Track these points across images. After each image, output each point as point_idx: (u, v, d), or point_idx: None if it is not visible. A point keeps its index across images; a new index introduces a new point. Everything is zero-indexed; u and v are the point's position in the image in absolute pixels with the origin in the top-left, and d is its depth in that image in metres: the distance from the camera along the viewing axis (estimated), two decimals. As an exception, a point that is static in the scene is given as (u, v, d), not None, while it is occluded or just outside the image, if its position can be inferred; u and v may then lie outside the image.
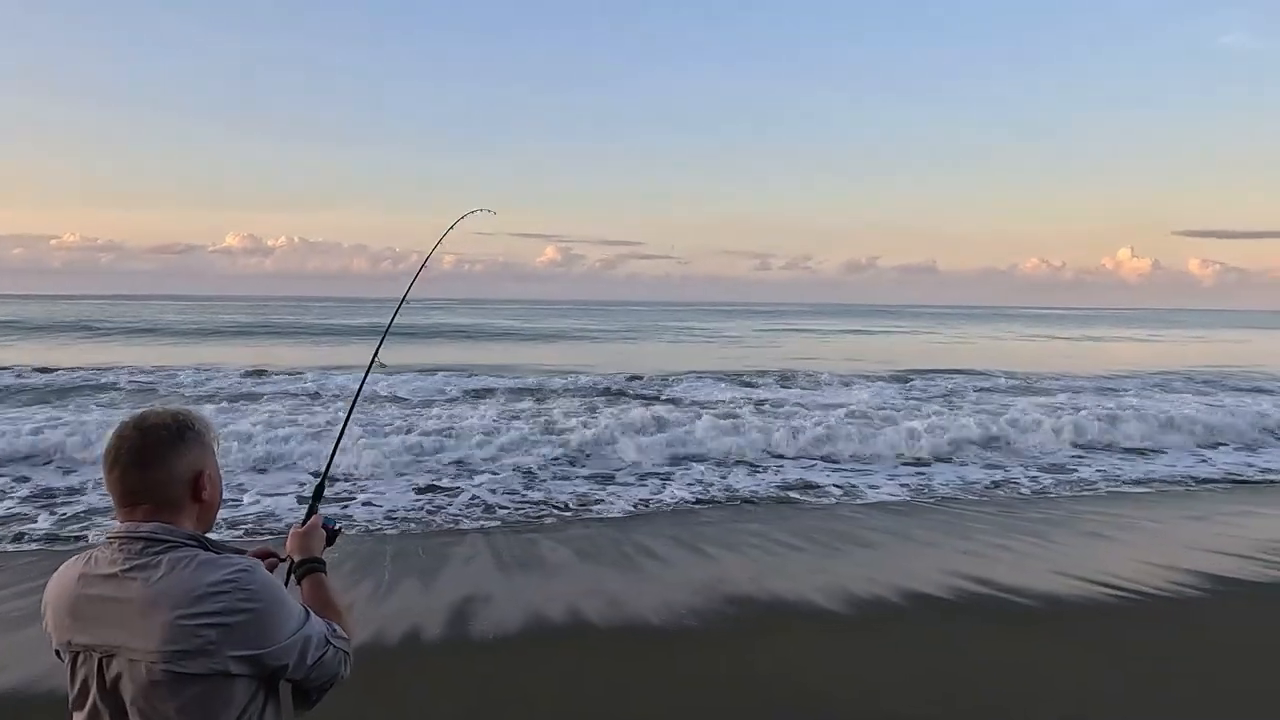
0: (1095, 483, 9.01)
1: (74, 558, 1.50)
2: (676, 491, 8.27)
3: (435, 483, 8.46)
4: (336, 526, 1.91)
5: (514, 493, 8.13)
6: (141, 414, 1.51)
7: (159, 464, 1.45)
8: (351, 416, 2.45)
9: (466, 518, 7.23)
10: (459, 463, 9.36)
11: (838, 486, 8.66)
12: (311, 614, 1.50)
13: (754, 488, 8.55)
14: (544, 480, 8.70)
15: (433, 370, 18.33)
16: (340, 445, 2.40)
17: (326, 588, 1.69)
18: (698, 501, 7.98)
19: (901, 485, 8.79)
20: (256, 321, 44.56)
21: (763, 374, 19.77)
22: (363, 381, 2.58)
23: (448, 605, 5.00)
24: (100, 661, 1.38)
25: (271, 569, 1.71)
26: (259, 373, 18.03)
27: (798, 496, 8.23)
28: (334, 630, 1.55)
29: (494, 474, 8.87)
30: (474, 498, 7.89)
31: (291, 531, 1.82)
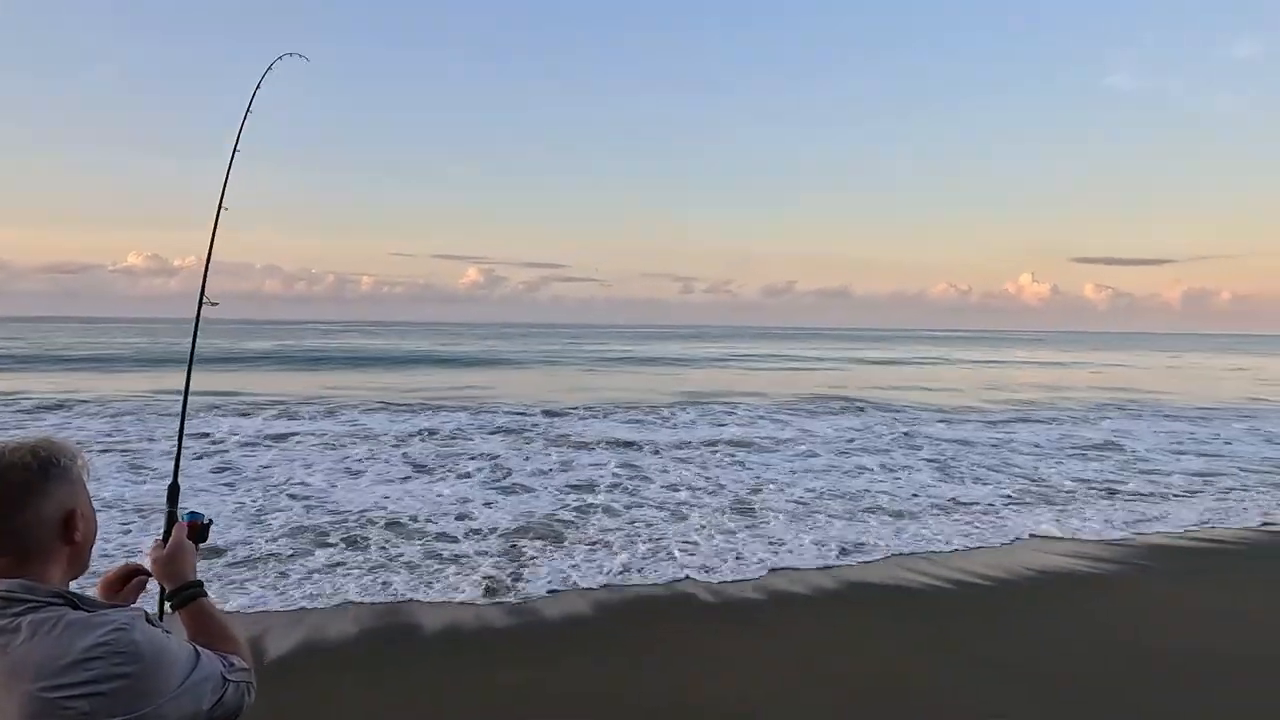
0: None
1: None
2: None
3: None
4: (205, 520, 1.61)
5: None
6: (17, 443, 1.29)
7: (21, 509, 1.25)
8: (185, 415, 2.07)
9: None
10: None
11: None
12: (201, 653, 1.33)
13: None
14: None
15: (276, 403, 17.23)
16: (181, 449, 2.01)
17: (210, 615, 1.49)
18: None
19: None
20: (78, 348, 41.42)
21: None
22: (185, 393, 2.10)
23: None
24: None
25: (141, 587, 1.58)
26: (60, 406, 16.49)
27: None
28: (229, 664, 1.38)
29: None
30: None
31: (152, 556, 1.54)
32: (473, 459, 11.02)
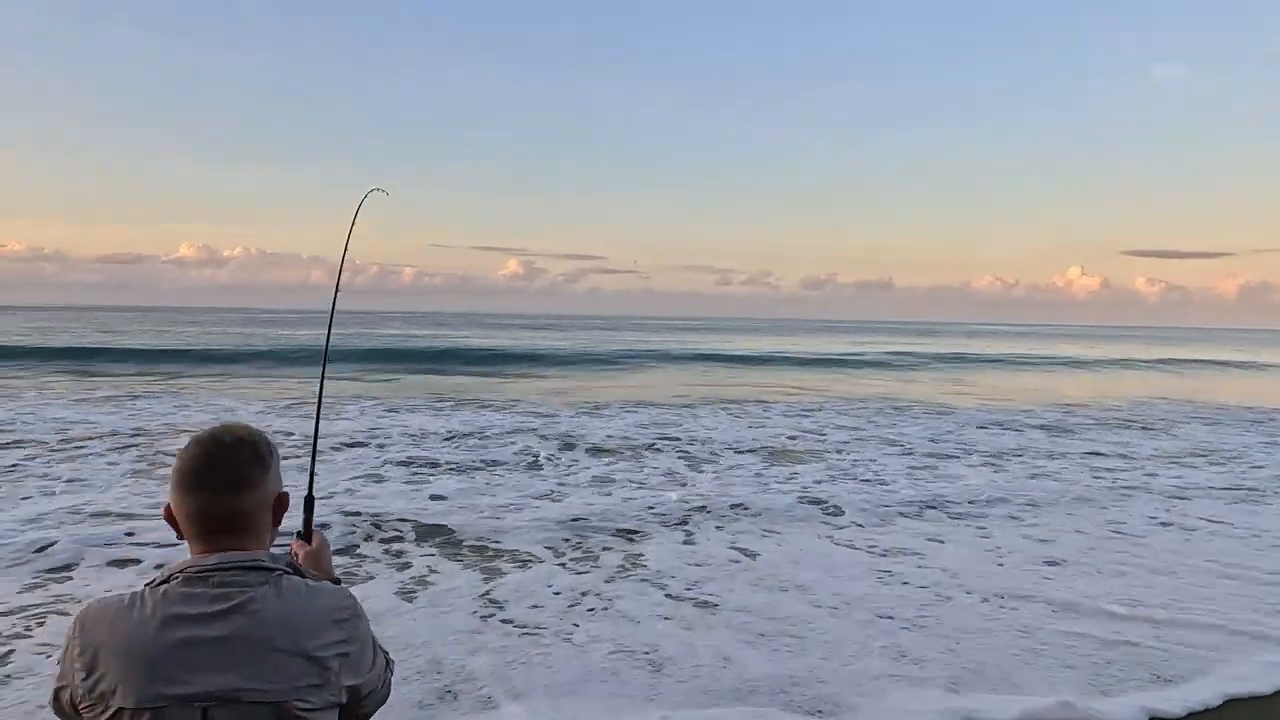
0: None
1: (120, 597, 1.32)
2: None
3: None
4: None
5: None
6: (221, 429, 1.41)
7: (250, 487, 1.37)
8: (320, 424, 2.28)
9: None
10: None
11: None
12: (374, 637, 1.46)
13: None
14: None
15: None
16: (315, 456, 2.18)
17: None
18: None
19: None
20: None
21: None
22: (320, 396, 2.45)
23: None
24: (206, 711, 1.25)
25: None
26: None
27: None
28: (384, 650, 1.51)
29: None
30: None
31: (301, 552, 1.73)
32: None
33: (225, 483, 1.35)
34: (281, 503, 1.45)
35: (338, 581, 1.64)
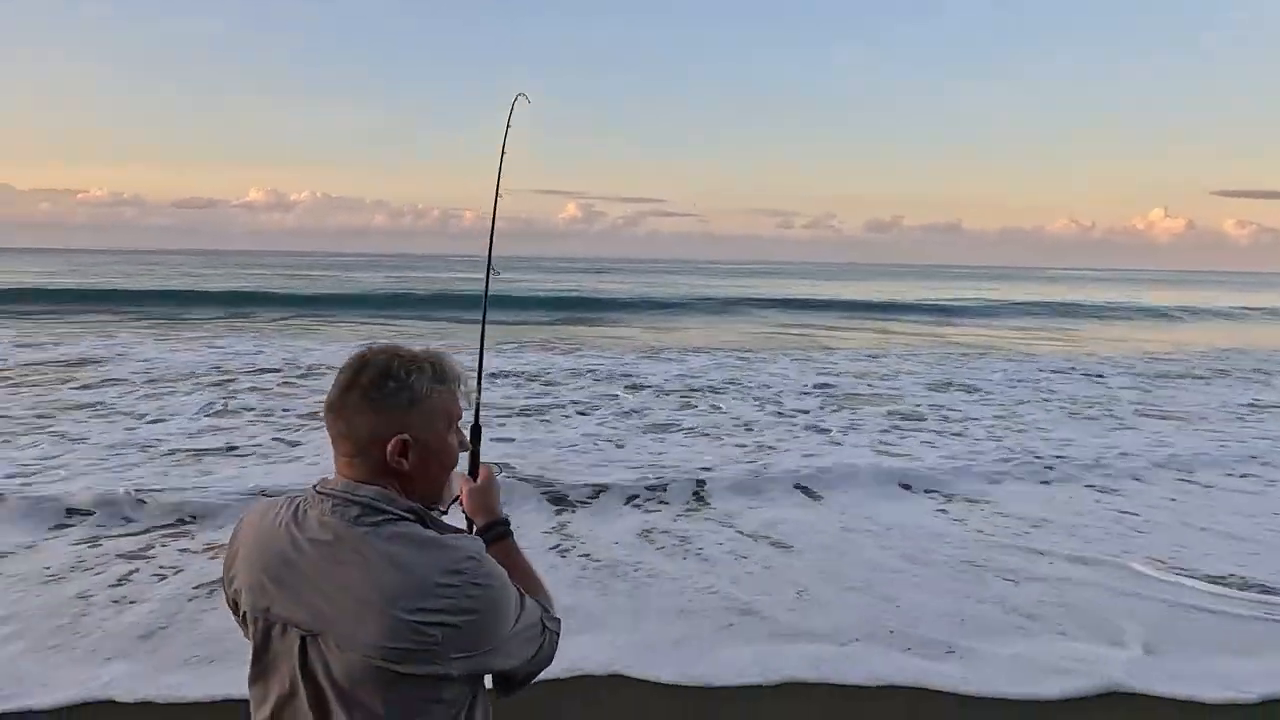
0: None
1: (274, 501, 1.30)
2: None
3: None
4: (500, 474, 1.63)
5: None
6: (382, 348, 1.29)
7: (388, 414, 1.24)
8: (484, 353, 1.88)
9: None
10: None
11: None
12: (525, 597, 1.29)
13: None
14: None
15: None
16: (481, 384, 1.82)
17: (520, 555, 1.45)
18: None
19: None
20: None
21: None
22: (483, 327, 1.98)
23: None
24: (304, 640, 1.19)
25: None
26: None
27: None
28: (546, 610, 1.35)
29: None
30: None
31: (465, 489, 1.52)
32: None
33: (359, 403, 1.24)
34: (395, 448, 1.24)
35: (504, 524, 1.48)
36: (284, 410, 9.61)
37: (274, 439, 8.26)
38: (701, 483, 6.92)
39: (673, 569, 5.15)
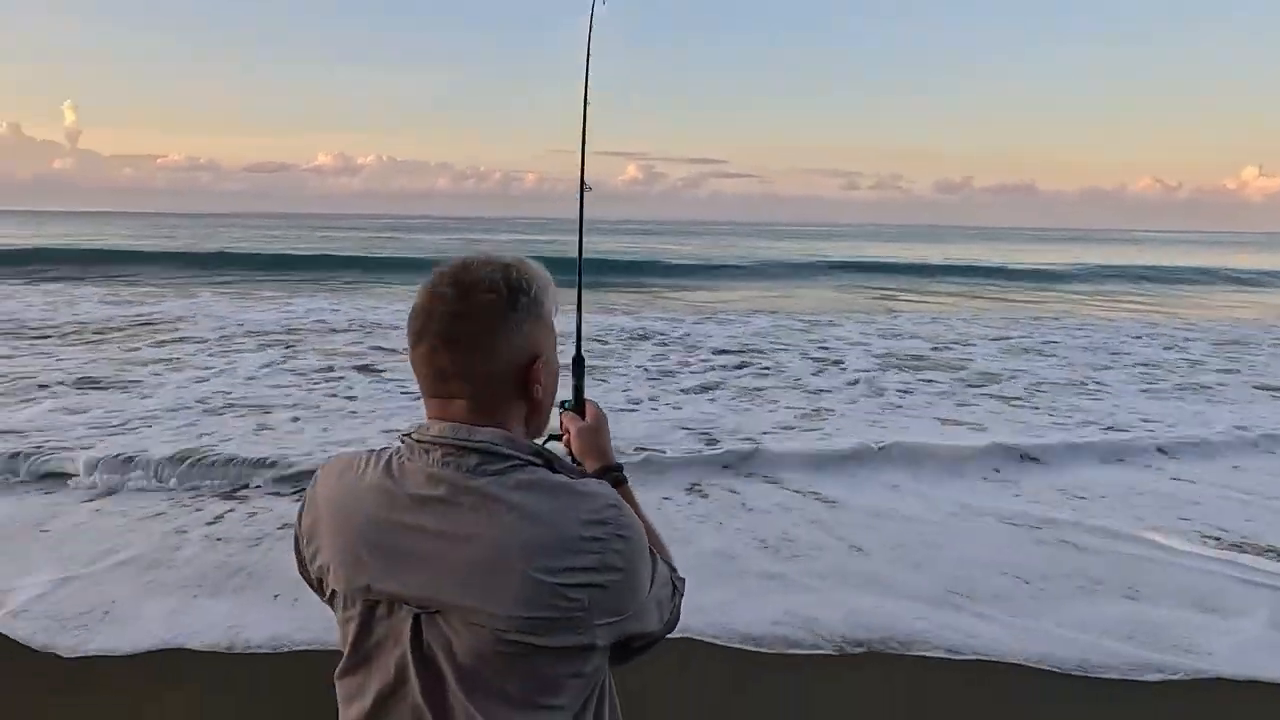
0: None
1: (354, 457, 1.09)
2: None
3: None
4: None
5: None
6: (461, 265, 1.08)
7: (523, 333, 1.05)
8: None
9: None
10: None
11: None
12: (654, 552, 1.11)
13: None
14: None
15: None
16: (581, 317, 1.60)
17: (638, 506, 1.20)
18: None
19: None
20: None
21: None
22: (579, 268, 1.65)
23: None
24: (418, 619, 1.00)
25: None
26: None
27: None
28: (673, 568, 1.18)
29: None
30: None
31: (573, 428, 1.35)
32: None
33: (445, 329, 1.03)
34: (534, 371, 1.08)
35: (619, 469, 1.31)
36: (352, 369, 9.82)
37: (341, 396, 8.45)
38: (760, 450, 6.79)
39: (725, 533, 5.08)
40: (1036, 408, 8.69)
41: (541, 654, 0.98)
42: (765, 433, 7.29)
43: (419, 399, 1.12)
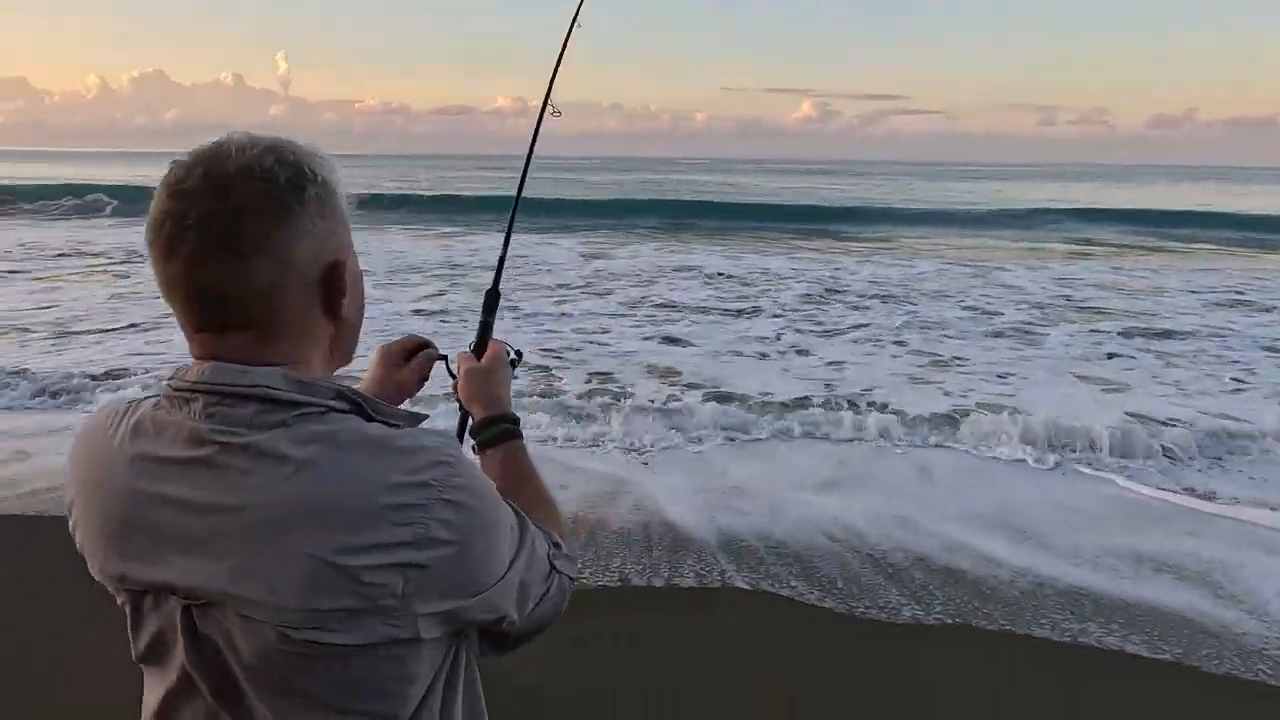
0: None
1: (110, 413, 0.86)
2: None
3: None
4: (515, 352, 1.22)
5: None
6: (214, 151, 0.79)
7: (262, 245, 0.77)
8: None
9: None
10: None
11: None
12: (526, 521, 0.90)
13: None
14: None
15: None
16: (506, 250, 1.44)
17: (530, 466, 1.06)
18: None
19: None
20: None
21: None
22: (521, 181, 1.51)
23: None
24: (188, 611, 0.78)
25: (429, 364, 1.23)
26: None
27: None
28: (555, 544, 0.95)
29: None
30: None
31: (462, 367, 1.17)
32: None
33: (205, 237, 0.77)
34: (336, 280, 0.84)
35: (512, 420, 1.10)
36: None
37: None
38: (871, 403, 6.40)
39: (831, 496, 4.89)
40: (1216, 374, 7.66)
41: (347, 653, 0.76)
42: (871, 389, 6.90)
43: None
